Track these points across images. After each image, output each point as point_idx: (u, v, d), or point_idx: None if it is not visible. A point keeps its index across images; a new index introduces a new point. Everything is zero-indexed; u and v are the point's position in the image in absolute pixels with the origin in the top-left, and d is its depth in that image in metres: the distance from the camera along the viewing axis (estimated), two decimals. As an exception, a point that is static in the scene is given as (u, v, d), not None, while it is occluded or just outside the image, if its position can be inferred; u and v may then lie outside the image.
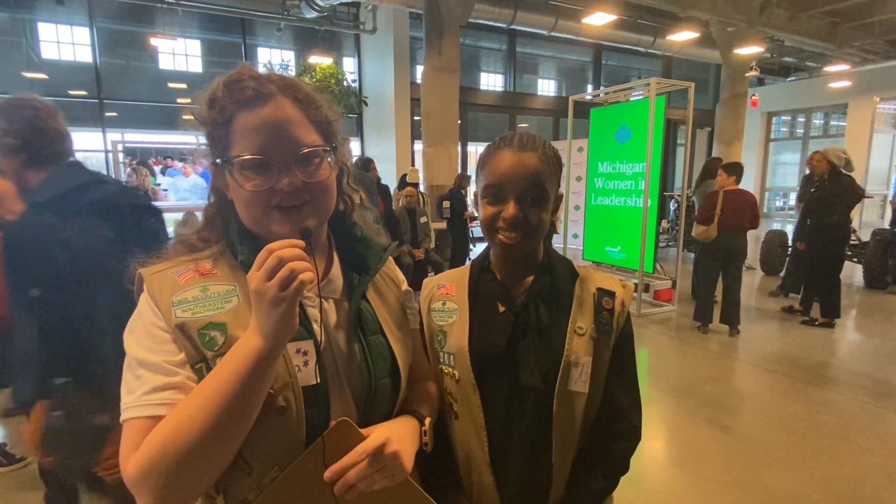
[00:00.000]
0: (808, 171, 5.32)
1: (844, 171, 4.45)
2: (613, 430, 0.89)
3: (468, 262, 0.99)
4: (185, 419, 0.56)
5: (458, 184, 6.22)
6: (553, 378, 0.84)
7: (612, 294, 0.90)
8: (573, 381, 0.84)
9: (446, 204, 6.02)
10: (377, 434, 0.67)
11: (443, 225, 6.13)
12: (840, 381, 3.40)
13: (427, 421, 0.78)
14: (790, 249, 5.68)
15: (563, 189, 0.91)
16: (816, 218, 4.55)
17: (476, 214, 0.99)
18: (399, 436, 0.69)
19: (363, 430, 0.67)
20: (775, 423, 2.87)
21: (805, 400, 3.18)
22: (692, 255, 5.78)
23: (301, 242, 0.59)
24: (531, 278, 0.89)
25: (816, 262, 4.62)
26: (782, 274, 6.02)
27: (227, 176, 0.67)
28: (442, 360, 0.90)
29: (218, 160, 0.67)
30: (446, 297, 0.93)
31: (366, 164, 5.41)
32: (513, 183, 0.82)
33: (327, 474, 0.63)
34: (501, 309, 0.87)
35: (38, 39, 7.84)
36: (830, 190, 4.46)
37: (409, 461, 0.69)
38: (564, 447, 0.86)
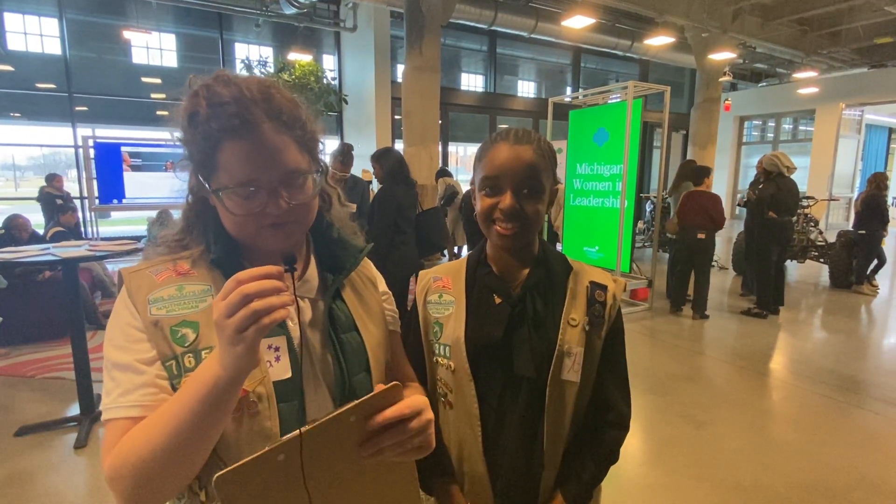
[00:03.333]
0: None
1: (786, 175, 4.86)
2: (603, 419, 0.92)
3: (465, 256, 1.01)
4: (146, 435, 0.57)
5: None
6: (546, 367, 0.86)
7: (604, 288, 0.92)
8: (566, 371, 0.87)
9: None
10: (417, 398, 0.61)
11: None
12: (806, 377, 3.52)
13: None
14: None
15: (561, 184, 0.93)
16: (753, 216, 5.07)
17: None
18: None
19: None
20: (745, 418, 2.96)
21: (773, 395, 3.29)
22: (667, 255, 5.92)
23: (277, 270, 0.54)
24: (527, 271, 0.91)
25: (752, 256, 5.16)
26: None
27: (215, 199, 0.67)
28: (437, 352, 0.92)
29: (204, 182, 0.67)
30: (443, 290, 0.95)
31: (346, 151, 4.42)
32: (509, 175, 0.84)
33: (379, 418, 0.56)
34: (498, 300, 0.90)
35: (4, 30, 7.55)
36: (764, 191, 4.93)
37: (433, 437, 0.64)
38: (556, 436, 0.88)
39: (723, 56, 8.73)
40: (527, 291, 0.89)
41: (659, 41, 8.67)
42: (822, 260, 6.58)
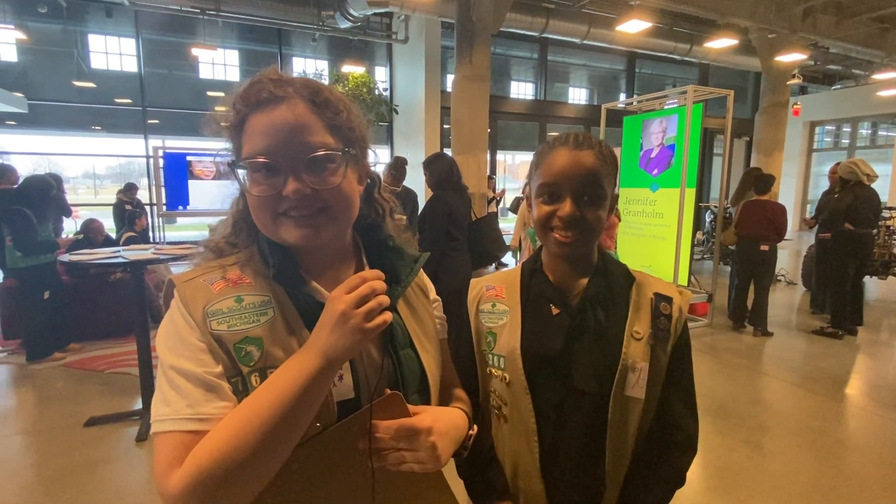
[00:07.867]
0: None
1: (865, 183, 4.46)
2: (670, 440, 0.85)
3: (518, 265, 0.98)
4: (238, 435, 0.54)
5: None
6: (609, 382, 0.81)
7: (669, 300, 0.86)
8: (630, 387, 0.82)
9: None
10: (423, 418, 0.67)
11: None
12: (889, 405, 3.19)
13: (475, 428, 0.80)
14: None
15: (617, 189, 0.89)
16: (827, 228, 4.71)
17: None
18: (443, 430, 0.68)
19: (412, 408, 0.68)
20: (818, 447, 2.71)
21: (850, 424, 3.00)
22: (728, 268, 5.59)
23: (382, 275, 0.61)
24: (585, 280, 0.87)
25: (827, 271, 4.80)
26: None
27: (241, 186, 0.65)
28: (490, 363, 0.89)
29: (228, 163, 0.66)
30: (496, 299, 0.92)
31: (399, 164, 4.67)
32: (569, 181, 0.80)
33: (373, 429, 0.64)
34: (555, 311, 0.86)
35: (88, 50, 8.25)
36: (840, 201, 4.53)
37: (444, 455, 0.68)
38: (618, 455, 0.83)
39: (791, 58, 8.22)
40: (587, 302, 0.85)
41: (720, 44, 8.28)
42: (903, 276, 6.01)
